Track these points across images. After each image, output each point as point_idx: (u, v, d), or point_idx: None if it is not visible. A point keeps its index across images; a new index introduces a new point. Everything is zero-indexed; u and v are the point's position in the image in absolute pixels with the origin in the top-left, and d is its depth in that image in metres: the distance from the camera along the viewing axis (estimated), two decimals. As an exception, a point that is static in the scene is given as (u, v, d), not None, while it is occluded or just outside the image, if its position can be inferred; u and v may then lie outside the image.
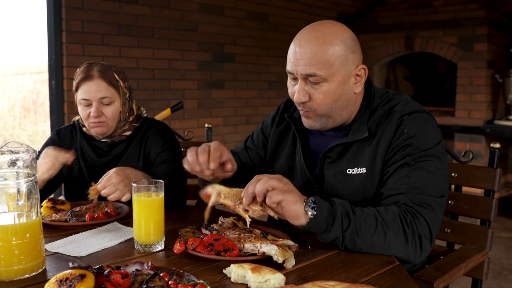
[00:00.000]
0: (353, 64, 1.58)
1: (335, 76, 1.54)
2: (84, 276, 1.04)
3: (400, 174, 1.52)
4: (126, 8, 4.40)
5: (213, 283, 1.21)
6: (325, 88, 1.55)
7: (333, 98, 1.57)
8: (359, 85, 1.62)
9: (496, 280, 3.74)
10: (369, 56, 6.40)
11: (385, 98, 1.68)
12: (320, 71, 1.52)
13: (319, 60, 1.52)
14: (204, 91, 5.08)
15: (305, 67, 1.53)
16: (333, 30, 1.55)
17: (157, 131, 2.13)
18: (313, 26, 1.58)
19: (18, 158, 1.26)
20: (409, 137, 1.55)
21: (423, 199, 1.48)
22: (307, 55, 1.53)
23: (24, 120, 9.03)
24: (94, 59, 4.10)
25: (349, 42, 1.56)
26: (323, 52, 1.52)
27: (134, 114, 2.12)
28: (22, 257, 1.23)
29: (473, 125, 5.58)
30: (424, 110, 1.63)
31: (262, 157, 1.91)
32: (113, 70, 2.03)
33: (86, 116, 2.01)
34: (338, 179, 1.63)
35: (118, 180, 1.75)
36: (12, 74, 9.26)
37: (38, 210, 1.29)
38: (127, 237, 1.57)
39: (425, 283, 1.57)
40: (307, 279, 1.24)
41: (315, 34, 1.54)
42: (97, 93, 1.97)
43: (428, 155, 1.53)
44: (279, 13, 5.68)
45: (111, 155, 2.10)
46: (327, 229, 1.40)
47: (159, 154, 2.08)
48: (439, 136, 1.61)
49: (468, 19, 5.60)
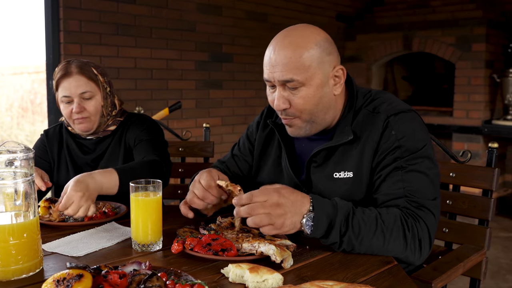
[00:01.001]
0: (330, 65, 1.56)
1: (313, 80, 1.52)
2: (82, 276, 1.04)
3: (393, 178, 1.51)
4: (124, 8, 4.39)
5: (211, 283, 1.20)
6: (304, 93, 1.53)
7: (313, 102, 1.55)
8: (338, 87, 1.60)
9: (494, 280, 3.74)
10: (368, 56, 6.41)
11: (368, 98, 1.65)
12: (297, 76, 1.51)
13: (295, 65, 1.50)
14: (202, 91, 5.08)
15: (281, 73, 1.51)
16: (306, 34, 1.53)
17: (136, 120, 2.13)
18: (286, 32, 1.57)
19: (16, 158, 1.25)
20: (397, 139, 1.53)
21: (421, 202, 1.47)
22: (282, 61, 1.51)
23: (21, 120, 9.03)
24: (92, 59, 4.08)
25: (323, 44, 1.54)
26: (298, 57, 1.50)
27: (117, 109, 2.12)
28: (19, 257, 1.23)
29: (471, 125, 5.58)
30: (410, 109, 1.60)
31: (250, 164, 1.89)
32: (91, 65, 2.04)
33: (69, 114, 2.01)
34: (325, 183, 1.61)
35: (78, 196, 1.61)
36: (10, 74, 9.25)
37: (35, 210, 1.29)
38: (125, 237, 1.57)
39: (423, 283, 1.57)
40: (305, 279, 1.24)
41: (288, 40, 1.53)
42: (77, 88, 1.98)
43: (419, 156, 1.52)
44: (277, 13, 5.68)
45: (97, 152, 2.11)
46: (324, 236, 1.41)
47: (137, 136, 2.08)
48: (427, 134, 1.59)
49: (466, 19, 5.61)
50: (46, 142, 2.16)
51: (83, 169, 2.07)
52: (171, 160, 2.14)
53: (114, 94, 2.12)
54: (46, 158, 2.15)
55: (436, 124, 5.82)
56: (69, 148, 2.14)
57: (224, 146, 5.14)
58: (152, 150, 2.03)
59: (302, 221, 1.38)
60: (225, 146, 5.14)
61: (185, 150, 2.72)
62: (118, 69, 4.37)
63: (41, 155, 2.16)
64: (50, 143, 2.15)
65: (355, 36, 6.51)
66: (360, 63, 6.48)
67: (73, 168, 2.11)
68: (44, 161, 2.15)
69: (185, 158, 2.77)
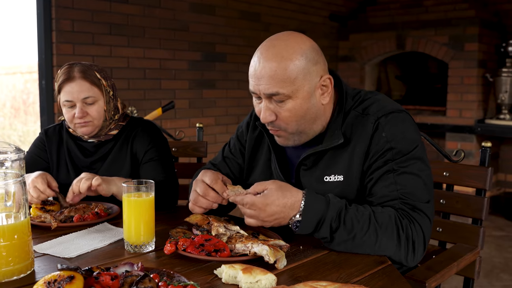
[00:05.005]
0: (317, 75, 1.52)
1: (299, 92, 1.49)
2: (73, 278, 1.03)
3: (386, 181, 1.49)
4: (117, 8, 4.38)
5: (204, 284, 1.20)
6: (290, 106, 1.50)
7: (300, 114, 1.52)
8: (326, 96, 1.56)
9: (488, 278, 3.75)
10: (361, 56, 6.42)
11: (358, 99, 1.62)
12: (282, 89, 1.47)
13: (280, 78, 1.46)
14: (195, 90, 5.07)
15: (267, 87, 1.48)
16: (291, 44, 1.49)
17: (144, 129, 2.12)
18: (271, 41, 1.52)
19: (6, 159, 1.24)
20: (388, 141, 1.50)
21: (416, 205, 1.46)
22: (267, 73, 1.47)
23: (14, 120, 8.99)
24: (84, 59, 4.08)
25: (309, 54, 1.50)
26: (283, 69, 1.46)
27: (120, 113, 2.10)
28: (10, 258, 1.21)
29: (464, 124, 5.60)
30: (400, 109, 1.58)
31: (241, 166, 1.87)
32: (94, 69, 2.01)
33: (71, 118, 1.99)
34: (316, 186, 1.59)
35: (87, 176, 1.80)
36: (3, 74, 9.20)
37: (26, 211, 1.27)
38: (117, 238, 1.56)
39: (417, 283, 1.57)
40: (299, 279, 1.23)
41: (272, 51, 1.48)
42: (80, 93, 1.95)
43: (411, 158, 1.50)
44: (270, 13, 5.68)
45: (98, 155, 2.09)
46: (313, 233, 1.43)
47: (146, 152, 2.07)
48: (418, 135, 1.57)
49: (458, 18, 5.62)
50: (46, 141, 2.14)
51: (83, 171, 2.05)
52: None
53: (117, 97, 2.10)
54: (44, 157, 2.14)
55: (430, 123, 5.83)
56: (69, 149, 2.12)
57: (217, 146, 5.13)
58: (161, 172, 2.05)
59: (290, 222, 1.44)
60: (218, 146, 5.13)
61: (178, 150, 2.71)
62: (111, 69, 4.35)
63: (40, 154, 2.14)
64: (50, 143, 2.13)
65: (349, 36, 6.51)
66: (354, 62, 6.49)
67: (73, 170, 2.09)
68: (42, 160, 2.13)
69: (178, 158, 2.76)
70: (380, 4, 6.52)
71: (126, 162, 2.07)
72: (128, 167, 2.06)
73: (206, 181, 1.57)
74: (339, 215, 1.41)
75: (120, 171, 2.05)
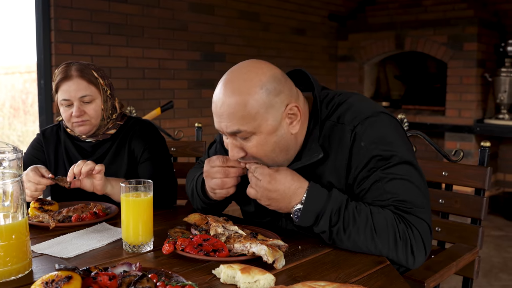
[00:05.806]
0: (281, 105, 1.44)
1: (262, 127, 1.42)
2: (71, 278, 1.03)
3: (376, 192, 1.44)
4: (116, 7, 4.37)
5: (202, 284, 1.19)
6: (255, 141, 1.44)
7: (269, 148, 1.46)
8: (295, 124, 1.48)
9: (487, 278, 3.75)
10: (360, 55, 6.42)
11: (332, 107, 1.54)
12: (243, 126, 1.41)
13: (240, 114, 1.40)
14: (194, 90, 5.07)
15: (228, 125, 1.42)
16: (250, 77, 1.41)
17: (142, 129, 2.12)
18: (230, 74, 1.45)
19: (4, 158, 1.24)
20: (368, 149, 1.44)
21: (412, 211, 1.42)
22: (226, 111, 1.41)
23: (13, 120, 8.97)
24: (83, 59, 4.07)
25: (270, 86, 1.42)
26: (243, 105, 1.39)
27: (117, 112, 2.10)
28: (7, 258, 1.21)
29: (463, 124, 5.60)
30: (376, 111, 1.50)
31: None
32: (91, 68, 2.01)
33: (68, 117, 1.99)
34: None
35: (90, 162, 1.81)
36: (2, 74, 9.19)
37: (24, 211, 1.27)
38: (116, 237, 1.56)
39: (416, 283, 1.57)
40: (297, 279, 1.23)
41: (231, 86, 1.42)
42: (77, 92, 1.96)
43: (396, 162, 1.43)
44: (269, 13, 5.67)
45: (96, 155, 2.09)
46: (312, 225, 1.44)
47: (144, 151, 2.08)
48: (400, 135, 1.50)
49: (457, 18, 5.62)
50: (43, 142, 2.14)
51: None
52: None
53: (115, 96, 2.10)
54: (42, 158, 2.13)
55: (429, 123, 5.83)
56: (67, 150, 2.11)
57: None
58: (159, 171, 2.05)
59: (291, 210, 1.45)
60: (217, 146, 5.12)
61: (177, 150, 2.71)
62: (110, 68, 4.34)
63: (37, 155, 2.14)
64: (47, 144, 2.13)
65: (348, 36, 6.51)
66: (353, 62, 6.49)
67: None
68: (39, 161, 2.12)
69: (177, 158, 2.76)
70: (379, 4, 6.52)
71: (124, 162, 2.07)
72: (126, 167, 2.06)
73: (218, 164, 1.54)
74: (339, 209, 1.41)
75: (118, 171, 2.05)
